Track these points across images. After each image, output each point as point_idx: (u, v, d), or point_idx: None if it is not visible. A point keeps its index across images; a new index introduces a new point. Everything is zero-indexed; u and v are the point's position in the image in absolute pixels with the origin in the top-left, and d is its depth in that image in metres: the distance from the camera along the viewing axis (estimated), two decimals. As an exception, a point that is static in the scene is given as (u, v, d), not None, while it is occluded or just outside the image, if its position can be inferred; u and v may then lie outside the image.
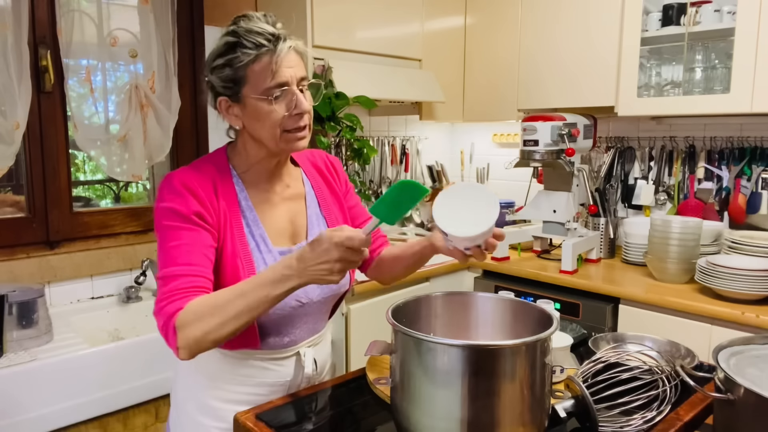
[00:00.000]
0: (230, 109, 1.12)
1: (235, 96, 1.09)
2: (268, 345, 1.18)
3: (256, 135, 1.12)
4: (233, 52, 1.06)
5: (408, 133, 3.14)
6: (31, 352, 1.61)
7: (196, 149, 2.35)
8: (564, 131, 2.31)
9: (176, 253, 1.04)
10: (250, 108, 1.09)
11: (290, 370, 1.21)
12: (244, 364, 1.18)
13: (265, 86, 1.06)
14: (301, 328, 1.22)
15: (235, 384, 1.18)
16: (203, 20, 2.31)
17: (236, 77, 1.07)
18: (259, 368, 1.18)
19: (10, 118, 1.81)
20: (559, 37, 2.52)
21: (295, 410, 1.14)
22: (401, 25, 2.58)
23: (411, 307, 1.08)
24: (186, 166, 1.13)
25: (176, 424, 1.25)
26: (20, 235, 1.95)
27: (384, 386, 1.13)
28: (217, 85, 1.10)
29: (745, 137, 2.35)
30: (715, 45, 2.22)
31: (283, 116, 1.08)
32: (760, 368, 0.96)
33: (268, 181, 1.19)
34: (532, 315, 1.05)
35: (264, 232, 1.16)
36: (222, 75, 1.08)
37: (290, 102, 1.08)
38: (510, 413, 0.88)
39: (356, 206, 1.36)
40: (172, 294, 1.01)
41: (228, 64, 1.07)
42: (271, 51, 1.05)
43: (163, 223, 1.07)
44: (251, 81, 1.06)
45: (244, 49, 1.05)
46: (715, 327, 1.89)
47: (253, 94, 1.07)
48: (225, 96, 1.10)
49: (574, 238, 2.36)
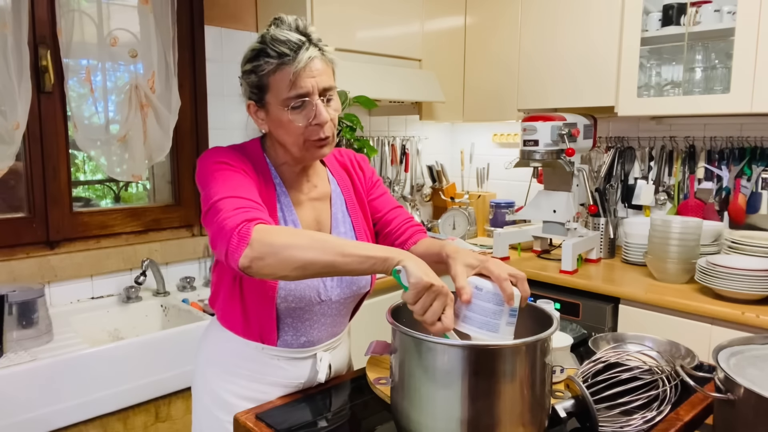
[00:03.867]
0: (257, 113, 1.14)
1: (260, 102, 1.12)
2: (285, 343, 1.19)
3: (280, 140, 1.14)
4: (258, 59, 1.08)
5: (408, 133, 3.14)
6: (31, 352, 1.61)
7: (196, 149, 2.35)
8: (564, 131, 2.31)
9: (233, 184, 1.03)
10: (273, 115, 1.11)
11: (305, 372, 1.22)
12: (260, 360, 1.19)
13: (284, 96, 1.07)
14: (318, 329, 1.22)
15: (250, 380, 1.19)
16: (203, 20, 2.31)
17: (260, 84, 1.09)
18: (275, 366, 1.19)
19: (10, 118, 1.81)
20: (559, 37, 2.52)
21: (295, 410, 1.14)
22: (401, 25, 2.58)
23: (411, 307, 1.08)
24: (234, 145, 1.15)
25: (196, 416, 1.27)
26: (20, 235, 1.95)
27: (384, 386, 1.13)
28: (246, 89, 1.13)
29: (745, 137, 2.35)
30: (715, 45, 2.22)
31: (303, 126, 1.08)
32: (760, 368, 0.96)
33: (296, 180, 1.21)
34: (532, 315, 1.06)
35: (297, 219, 1.18)
36: (249, 80, 1.11)
37: (309, 113, 1.08)
38: (510, 413, 0.88)
39: (378, 198, 1.33)
40: (239, 209, 0.97)
41: (253, 71, 1.09)
42: (291, 61, 1.05)
43: (211, 168, 1.06)
44: (273, 90, 1.08)
45: (267, 58, 1.06)
46: (715, 327, 1.89)
47: (274, 103, 1.09)
48: (252, 100, 1.13)
49: (574, 238, 2.36)
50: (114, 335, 2.06)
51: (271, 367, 1.19)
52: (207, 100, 2.35)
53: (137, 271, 2.16)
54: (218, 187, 1.03)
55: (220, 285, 1.21)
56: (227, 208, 0.99)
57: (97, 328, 2.03)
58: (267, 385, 1.20)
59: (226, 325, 1.22)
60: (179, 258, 2.32)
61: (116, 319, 2.08)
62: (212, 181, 1.05)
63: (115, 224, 2.18)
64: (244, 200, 1.01)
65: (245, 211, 0.98)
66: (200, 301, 2.14)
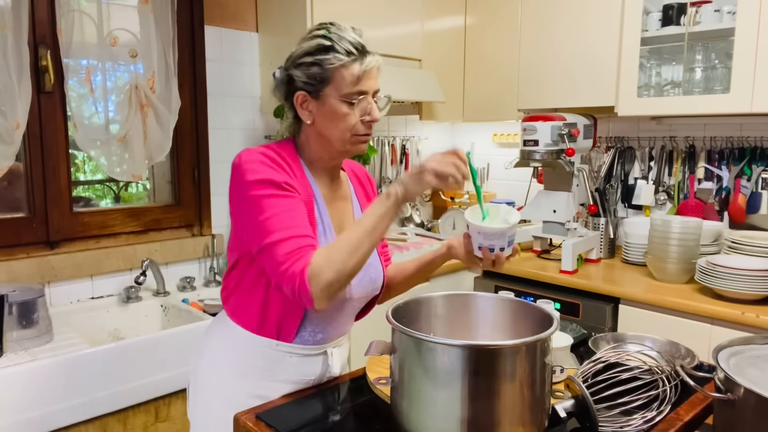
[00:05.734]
0: (305, 104, 1.18)
1: (315, 93, 1.17)
2: (302, 339, 1.22)
3: (326, 132, 1.19)
4: (325, 53, 1.14)
5: (408, 133, 3.14)
6: (31, 352, 1.61)
7: (196, 149, 2.36)
8: (564, 131, 2.31)
9: (282, 218, 1.08)
10: (327, 107, 1.16)
11: (316, 369, 1.25)
12: (272, 357, 1.21)
13: (348, 90, 1.15)
14: (333, 327, 1.26)
15: (261, 378, 1.21)
16: (203, 20, 2.31)
17: (323, 77, 1.15)
18: (287, 363, 1.22)
19: (10, 118, 1.81)
20: (559, 37, 2.52)
21: (295, 410, 1.14)
22: (401, 25, 2.58)
23: (411, 307, 1.08)
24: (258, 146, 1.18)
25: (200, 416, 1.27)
26: (20, 235, 1.95)
27: (384, 386, 1.13)
28: (299, 80, 1.17)
29: (745, 137, 2.35)
30: (715, 45, 2.22)
31: (356, 121, 1.17)
32: (760, 368, 0.96)
33: (325, 177, 1.26)
34: (532, 315, 1.06)
35: (330, 222, 1.22)
36: (309, 72, 1.16)
37: (365, 109, 1.17)
38: (510, 413, 0.88)
39: None
40: (293, 253, 1.05)
41: (317, 63, 1.15)
42: (360, 60, 1.15)
43: (255, 194, 1.10)
44: (336, 83, 1.15)
45: (337, 53, 1.14)
46: (715, 327, 1.89)
47: (334, 95, 1.15)
48: (305, 91, 1.17)
49: (574, 238, 2.36)
50: (114, 335, 2.06)
51: (284, 363, 1.21)
52: (207, 100, 2.35)
53: (137, 271, 2.16)
54: (268, 223, 1.08)
55: (239, 281, 1.22)
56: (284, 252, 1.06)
57: (97, 328, 2.03)
58: (278, 382, 1.22)
59: (238, 320, 1.23)
60: (179, 258, 2.32)
61: (116, 319, 2.08)
62: (257, 216, 1.09)
63: (115, 224, 2.18)
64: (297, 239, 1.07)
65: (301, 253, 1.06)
66: (200, 301, 2.14)
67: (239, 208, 1.13)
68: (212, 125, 2.38)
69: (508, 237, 1.12)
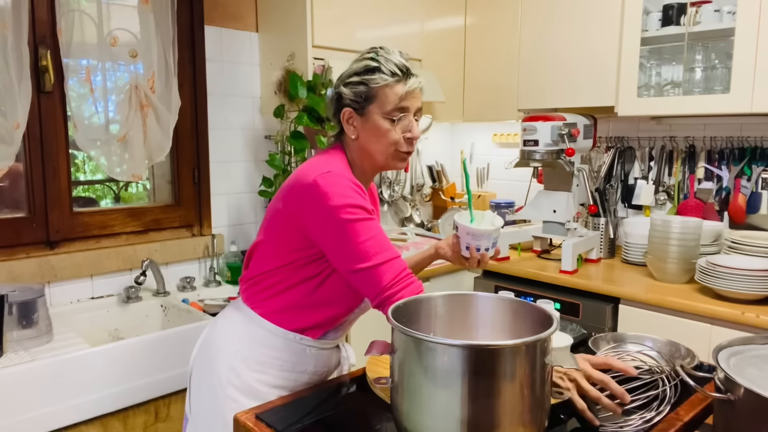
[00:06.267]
0: (351, 120, 1.27)
1: (361, 110, 1.26)
2: (327, 337, 1.33)
3: (369, 148, 1.28)
4: (372, 74, 1.24)
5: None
6: (31, 352, 1.61)
7: (196, 149, 2.36)
8: (564, 131, 2.31)
9: (377, 240, 1.17)
10: (371, 123, 1.25)
11: (332, 361, 1.37)
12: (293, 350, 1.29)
13: (391, 108, 1.24)
14: (349, 326, 1.40)
15: (281, 369, 1.29)
16: (203, 20, 2.31)
17: (369, 95, 1.24)
18: (308, 356, 1.31)
19: (10, 118, 1.81)
20: (559, 37, 2.52)
21: (295, 410, 1.14)
22: (401, 25, 2.58)
23: (411, 307, 1.08)
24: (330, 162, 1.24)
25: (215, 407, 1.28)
26: (20, 235, 1.95)
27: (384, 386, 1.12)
28: (347, 97, 1.26)
29: (745, 137, 2.35)
30: (715, 45, 2.22)
31: (399, 137, 1.26)
32: (760, 368, 0.96)
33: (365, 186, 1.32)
34: (532, 315, 1.05)
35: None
36: (356, 90, 1.25)
37: (406, 126, 1.26)
38: (510, 413, 0.88)
39: None
40: (396, 280, 1.16)
41: (364, 83, 1.25)
42: (403, 81, 1.24)
43: (348, 218, 1.16)
44: (380, 101, 1.24)
45: (383, 74, 1.23)
46: (715, 327, 1.89)
47: (378, 112, 1.24)
48: (351, 108, 1.27)
49: (574, 238, 2.36)
50: (114, 335, 2.07)
51: (305, 356, 1.30)
52: (207, 100, 2.35)
53: (137, 271, 2.16)
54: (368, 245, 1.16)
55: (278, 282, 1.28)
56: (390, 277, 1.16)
57: (97, 328, 2.03)
58: (298, 373, 1.30)
59: (262, 313, 1.29)
60: (179, 258, 2.32)
61: (116, 319, 2.08)
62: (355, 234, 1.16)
63: (115, 224, 2.18)
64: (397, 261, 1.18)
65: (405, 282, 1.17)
66: (200, 301, 2.14)
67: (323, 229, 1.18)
68: (212, 125, 2.38)
69: (493, 238, 1.26)
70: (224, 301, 2.11)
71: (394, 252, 1.19)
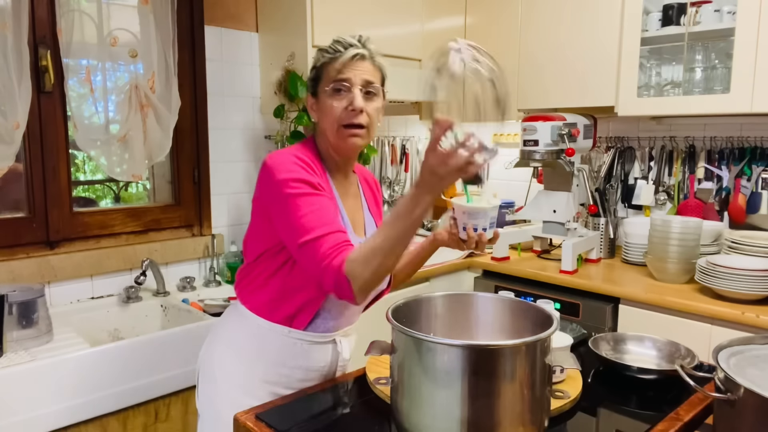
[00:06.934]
0: (312, 105, 1.29)
1: (314, 92, 1.28)
2: (314, 327, 1.28)
3: (323, 127, 1.26)
4: (318, 55, 1.26)
5: (408, 133, 3.14)
6: (31, 352, 1.61)
7: (196, 149, 2.35)
8: (564, 131, 2.31)
9: (319, 215, 1.14)
10: (320, 102, 1.25)
11: (327, 356, 1.32)
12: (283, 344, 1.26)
13: (330, 82, 1.22)
14: (344, 316, 1.33)
15: (275, 365, 1.27)
16: (203, 20, 2.31)
17: (316, 76, 1.26)
18: (300, 350, 1.28)
19: (10, 118, 1.80)
20: (559, 37, 2.52)
21: (295, 410, 1.14)
22: (401, 25, 2.58)
23: (411, 307, 1.09)
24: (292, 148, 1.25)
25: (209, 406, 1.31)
26: (20, 235, 1.95)
27: (384, 386, 1.13)
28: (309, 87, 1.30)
29: (745, 137, 2.35)
30: (715, 45, 2.22)
31: (341, 111, 1.22)
32: (760, 368, 0.96)
33: (337, 173, 1.32)
34: (532, 315, 1.06)
35: (347, 219, 1.28)
36: (310, 76, 1.29)
37: (348, 99, 1.22)
38: (510, 413, 0.88)
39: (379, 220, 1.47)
40: (331, 250, 1.10)
41: (314, 66, 1.28)
42: (342, 54, 1.22)
43: (290, 192, 1.15)
44: (324, 78, 1.24)
45: (325, 53, 1.25)
46: (715, 327, 1.89)
47: (323, 90, 1.24)
48: (310, 93, 1.29)
49: (574, 238, 2.36)
50: (114, 335, 2.06)
51: (297, 350, 1.27)
52: (207, 100, 2.35)
53: (137, 271, 2.16)
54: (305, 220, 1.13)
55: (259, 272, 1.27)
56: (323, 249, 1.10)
57: (97, 328, 2.03)
58: (290, 368, 1.28)
59: (253, 308, 1.28)
60: (179, 258, 2.32)
61: (116, 319, 2.08)
62: (293, 214, 1.14)
63: (115, 224, 2.18)
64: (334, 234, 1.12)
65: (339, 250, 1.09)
66: (200, 301, 2.14)
67: (271, 205, 1.18)
68: (212, 125, 2.38)
69: (491, 217, 1.22)
70: (224, 301, 2.11)
71: (335, 226, 1.13)
